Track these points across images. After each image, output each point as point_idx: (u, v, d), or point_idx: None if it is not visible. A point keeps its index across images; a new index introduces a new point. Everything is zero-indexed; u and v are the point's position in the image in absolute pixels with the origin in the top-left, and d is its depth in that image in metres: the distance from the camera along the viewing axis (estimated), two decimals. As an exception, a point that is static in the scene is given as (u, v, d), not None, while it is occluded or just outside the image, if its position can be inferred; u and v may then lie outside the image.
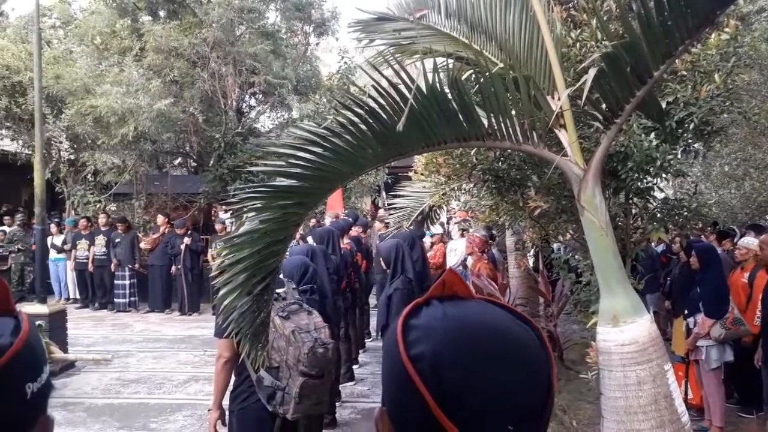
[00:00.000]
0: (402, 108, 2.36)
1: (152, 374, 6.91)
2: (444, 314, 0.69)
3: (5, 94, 10.43)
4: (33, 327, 0.77)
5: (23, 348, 0.73)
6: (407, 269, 5.04)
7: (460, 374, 0.64)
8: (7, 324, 0.75)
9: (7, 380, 0.71)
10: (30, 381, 0.74)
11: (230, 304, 2.22)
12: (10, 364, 0.71)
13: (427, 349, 0.66)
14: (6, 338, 0.73)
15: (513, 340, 0.68)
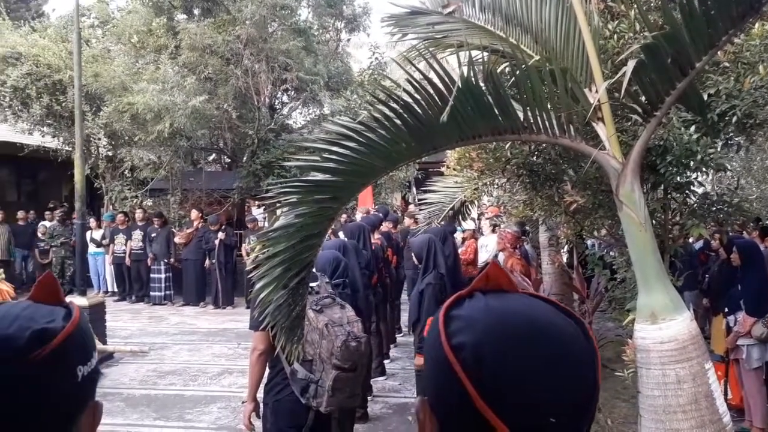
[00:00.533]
0: (436, 102, 2.35)
1: (187, 366, 7.05)
2: (486, 306, 0.69)
3: (46, 92, 10.73)
4: (83, 314, 0.81)
5: (75, 331, 0.77)
6: (439, 264, 5.02)
7: (501, 365, 0.64)
8: (59, 311, 0.79)
9: (60, 361, 0.74)
10: (81, 364, 0.78)
11: (266, 297, 2.25)
12: (63, 346, 0.74)
13: (469, 339, 0.66)
14: (59, 322, 0.76)
15: (556, 334, 0.67)
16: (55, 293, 0.82)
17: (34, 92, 10.58)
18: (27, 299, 0.82)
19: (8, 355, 0.71)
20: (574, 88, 2.79)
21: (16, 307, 0.78)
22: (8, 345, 0.72)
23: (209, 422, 5.29)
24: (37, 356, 0.72)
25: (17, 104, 10.82)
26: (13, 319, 0.75)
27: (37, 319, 0.76)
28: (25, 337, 0.73)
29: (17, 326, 0.74)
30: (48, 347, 0.73)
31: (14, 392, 0.71)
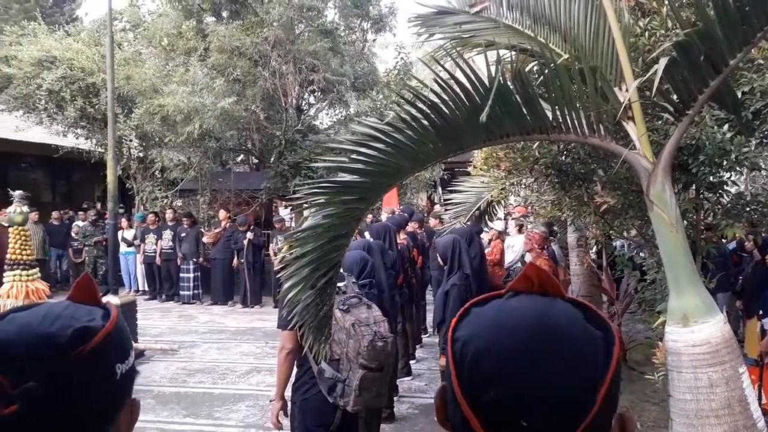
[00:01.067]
0: (464, 102, 2.35)
1: (216, 365, 7.14)
2: (502, 304, 0.70)
3: (80, 95, 10.98)
4: (120, 314, 0.83)
5: (114, 330, 0.79)
6: (464, 265, 5.00)
7: (481, 360, 0.64)
8: (97, 311, 0.82)
9: (99, 359, 0.77)
10: (119, 362, 0.80)
11: (294, 297, 2.27)
12: (103, 344, 0.77)
13: (465, 333, 0.68)
14: (98, 321, 0.79)
15: (558, 339, 0.65)
16: (92, 293, 0.84)
17: (69, 95, 10.84)
18: (66, 299, 0.84)
19: (51, 352, 0.73)
20: (604, 87, 2.76)
21: (57, 307, 0.80)
22: (51, 342, 0.74)
23: (237, 420, 5.36)
24: (78, 354, 0.74)
25: (52, 107, 11.10)
26: (55, 318, 0.77)
27: (78, 318, 0.78)
28: (67, 335, 0.75)
29: (59, 324, 0.76)
30: (89, 345, 0.75)
31: (57, 389, 0.73)
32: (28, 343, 0.74)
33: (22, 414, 0.70)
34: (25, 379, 0.71)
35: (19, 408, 0.69)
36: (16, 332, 0.75)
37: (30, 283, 5.94)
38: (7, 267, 6.00)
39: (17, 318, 0.78)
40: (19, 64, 10.95)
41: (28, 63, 10.90)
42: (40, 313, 0.78)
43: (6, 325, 0.77)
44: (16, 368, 0.72)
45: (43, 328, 0.75)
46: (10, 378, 0.71)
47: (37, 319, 0.77)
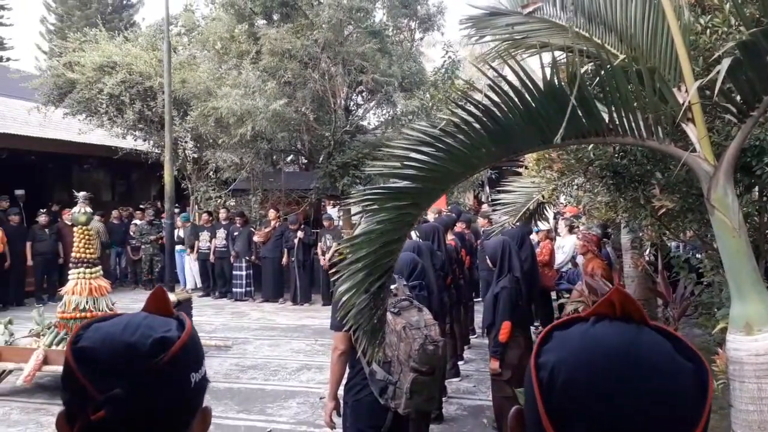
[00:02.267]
0: (517, 105, 2.33)
1: (268, 361, 7.30)
2: (587, 330, 0.68)
3: (138, 98, 11.39)
4: (193, 325, 0.87)
5: (189, 340, 0.83)
6: (514, 268, 4.95)
7: (571, 390, 0.63)
8: (172, 322, 0.85)
9: (176, 368, 0.80)
10: (194, 371, 0.83)
11: (348, 300, 2.31)
12: (179, 354, 0.80)
13: (551, 359, 0.66)
14: (174, 332, 0.82)
15: (648, 371, 0.63)
16: (166, 305, 0.88)
17: (128, 99, 11.27)
18: (142, 310, 0.88)
19: (133, 360, 0.77)
20: (663, 88, 2.68)
21: (137, 317, 0.84)
22: (132, 351, 0.78)
23: (289, 417, 5.46)
24: (157, 362, 0.78)
25: (113, 110, 11.55)
26: (135, 328, 0.81)
27: (156, 328, 0.82)
28: (147, 344, 0.79)
29: (140, 334, 0.80)
30: (168, 354, 0.79)
31: (138, 396, 0.76)
32: (112, 351, 0.78)
33: (108, 420, 0.73)
34: (109, 387, 0.75)
35: (105, 414, 0.73)
36: (100, 341, 0.79)
37: (93, 280, 6.20)
38: (72, 265, 6.29)
39: (101, 328, 0.82)
40: (82, 70, 11.45)
41: (91, 68, 11.38)
42: (122, 324, 0.82)
43: (91, 334, 0.81)
44: (101, 376, 0.76)
45: (124, 338, 0.79)
46: (95, 385, 0.76)
47: (119, 329, 0.81)
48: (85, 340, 0.80)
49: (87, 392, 0.76)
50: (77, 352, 0.79)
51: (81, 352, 0.79)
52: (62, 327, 6.09)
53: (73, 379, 0.78)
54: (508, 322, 4.65)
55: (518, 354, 4.77)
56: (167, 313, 0.87)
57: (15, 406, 5.76)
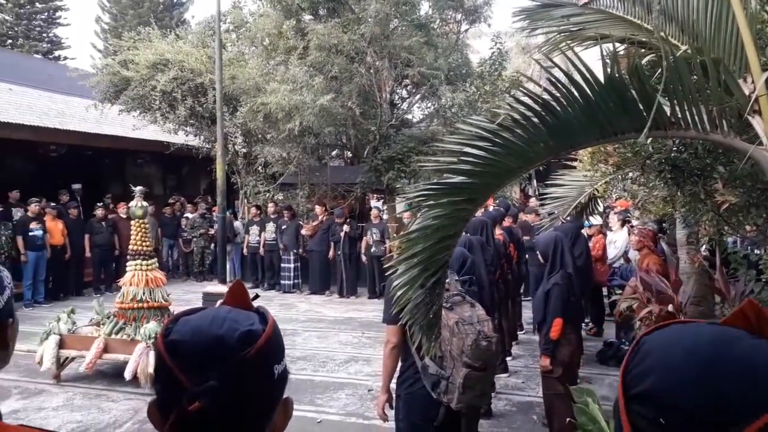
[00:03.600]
0: (576, 98, 2.29)
1: (316, 353, 7.40)
2: (700, 331, 0.68)
3: (190, 95, 11.68)
4: (275, 320, 0.89)
5: (273, 334, 0.85)
6: (566, 264, 4.86)
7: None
8: (254, 315, 0.87)
9: (262, 360, 0.82)
10: (276, 363, 0.86)
11: (403, 295, 2.32)
12: (265, 347, 0.83)
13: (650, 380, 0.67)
14: (257, 325, 0.85)
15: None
16: (245, 299, 0.90)
17: (180, 95, 11.56)
18: (222, 303, 0.91)
19: (222, 353, 0.80)
20: (728, 80, 2.58)
21: (221, 311, 0.86)
22: (222, 344, 0.80)
23: (338, 408, 5.53)
24: (246, 355, 0.80)
25: (165, 106, 11.88)
26: (222, 321, 0.83)
27: (241, 322, 0.84)
28: (235, 337, 0.81)
29: (227, 327, 0.82)
30: (254, 347, 0.81)
31: (229, 388, 0.78)
32: (202, 344, 0.80)
33: (204, 411, 0.75)
34: (202, 378, 0.77)
35: (202, 405, 0.75)
36: (190, 334, 0.82)
37: (149, 272, 6.42)
38: (129, 257, 6.52)
39: (189, 321, 0.85)
40: (136, 68, 11.81)
41: (144, 66, 11.73)
42: (209, 317, 0.84)
43: (180, 327, 0.84)
44: (193, 367, 0.79)
45: (213, 330, 0.81)
46: (188, 376, 0.78)
47: (207, 322, 0.83)
48: (176, 333, 0.83)
49: (180, 383, 0.78)
50: (169, 344, 0.82)
51: (173, 344, 0.82)
52: (120, 316, 6.32)
53: (167, 370, 0.80)
54: (560, 319, 4.58)
55: (569, 351, 4.70)
56: (246, 307, 0.89)
57: (78, 391, 6.02)
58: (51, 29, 31.08)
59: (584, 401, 2.98)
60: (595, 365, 6.76)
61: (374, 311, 9.86)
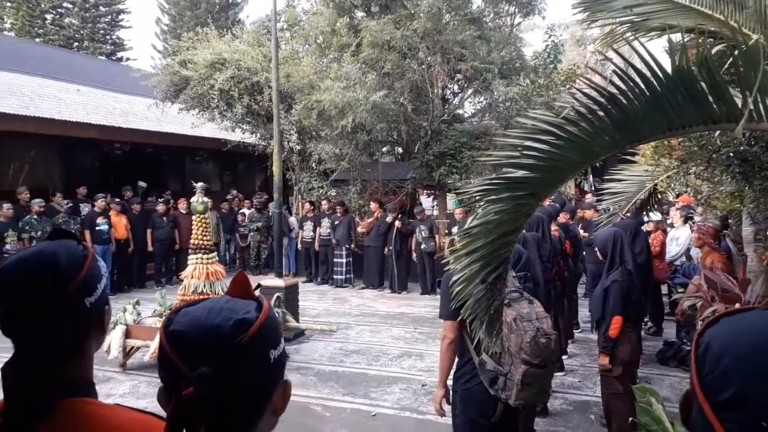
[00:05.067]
0: (643, 91, 2.23)
1: (369, 347, 7.47)
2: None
3: (246, 93, 11.94)
4: (271, 306, 0.94)
5: (266, 320, 0.89)
6: (626, 261, 4.74)
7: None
8: (252, 304, 0.92)
9: (256, 346, 0.87)
10: (272, 348, 0.90)
11: (463, 290, 2.32)
12: (258, 333, 0.87)
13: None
14: (252, 313, 0.89)
15: None
16: (247, 288, 0.95)
17: (237, 94, 11.83)
18: (225, 294, 0.96)
19: (217, 341, 0.85)
20: (805, 68, 2.47)
21: (220, 301, 0.92)
22: (216, 333, 0.85)
23: (392, 402, 5.58)
24: (239, 342, 0.85)
25: (223, 105, 12.19)
26: (218, 312, 0.88)
27: (237, 311, 0.89)
28: (229, 325, 0.86)
29: (222, 317, 0.87)
30: (248, 334, 0.85)
31: (223, 374, 0.83)
32: (199, 334, 0.86)
33: (198, 396, 0.80)
34: (198, 366, 0.83)
35: (195, 390, 0.80)
36: (188, 324, 0.87)
37: (209, 265, 6.63)
38: (191, 251, 6.75)
39: (189, 312, 0.90)
40: (195, 67, 12.15)
41: (203, 65, 12.06)
42: (206, 308, 0.90)
43: (180, 318, 0.89)
44: (190, 356, 0.84)
45: (209, 321, 0.87)
46: (186, 364, 0.84)
47: (204, 313, 0.89)
48: (176, 324, 0.88)
49: (179, 371, 0.83)
50: (169, 335, 0.87)
51: (173, 334, 0.87)
52: (183, 308, 6.55)
53: (168, 359, 0.86)
54: (620, 317, 4.47)
55: (629, 350, 4.59)
56: (248, 296, 0.94)
57: (142, 380, 6.28)
58: (114, 32, 32.39)
59: (647, 401, 2.91)
60: (655, 365, 6.57)
61: (426, 307, 9.87)
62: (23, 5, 28.44)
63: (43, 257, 1.09)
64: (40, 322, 1.05)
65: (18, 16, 28.39)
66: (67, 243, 1.14)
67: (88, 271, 1.11)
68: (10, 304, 1.04)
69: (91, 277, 1.12)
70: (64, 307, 1.06)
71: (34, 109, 11.17)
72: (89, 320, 1.12)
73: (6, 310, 1.04)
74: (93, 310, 1.11)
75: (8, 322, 1.05)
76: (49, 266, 1.07)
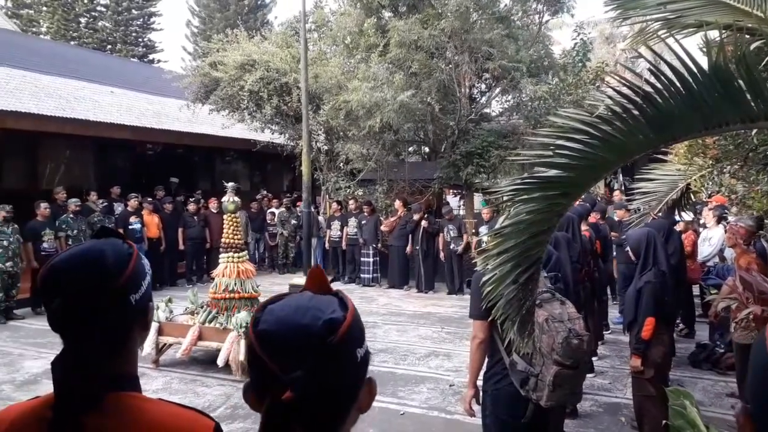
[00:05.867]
0: (678, 89, 2.20)
1: (397, 346, 7.49)
2: None
3: (275, 94, 12.06)
4: (354, 305, 0.93)
5: (353, 320, 0.88)
6: (660, 261, 4.67)
7: None
8: (334, 301, 0.91)
9: (345, 347, 0.86)
10: (358, 347, 0.89)
11: (494, 290, 2.32)
12: (347, 333, 0.86)
13: None
14: (338, 312, 0.88)
15: None
16: (324, 283, 0.94)
17: (266, 95, 11.96)
18: (302, 290, 0.94)
19: (307, 342, 0.83)
20: None
21: (304, 299, 0.90)
22: (307, 333, 0.84)
23: (420, 401, 5.58)
24: (330, 342, 0.84)
25: (252, 106, 12.33)
26: (305, 310, 0.87)
27: (323, 309, 0.87)
28: (319, 325, 0.84)
29: (310, 316, 0.86)
30: (337, 335, 0.84)
31: (315, 375, 0.82)
32: (288, 333, 0.84)
33: (295, 399, 0.79)
34: (291, 367, 0.81)
35: (294, 394, 0.79)
36: (276, 323, 0.86)
37: (240, 264, 6.72)
38: (222, 249, 6.85)
39: (274, 310, 0.89)
40: (225, 69, 12.32)
41: (233, 67, 12.21)
42: (292, 306, 0.88)
43: (267, 317, 0.87)
44: (282, 356, 0.82)
45: (297, 320, 0.85)
46: (278, 365, 0.82)
47: (291, 311, 0.87)
48: (263, 323, 0.87)
49: (272, 372, 0.82)
50: (259, 334, 0.86)
51: (262, 334, 0.85)
52: (213, 306, 6.66)
53: (259, 360, 0.84)
54: (653, 318, 4.41)
55: (662, 352, 4.53)
56: (326, 290, 0.93)
57: (174, 376, 6.40)
58: (146, 34, 33.03)
59: (681, 403, 2.87)
60: (687, 368, 6.46)
61: (453, 307, 9.85)
62: (58, 9, 29.18)
63: (92, 255, 1.12)
64: (88, 319, 1.07)
65: (54, 19, 29.14)
66: (114, 242, 1.17)
67: (133, 269, 1.14)
68: (60, 301, 1.06)
69: (137, 275, 1.15)
70: (110, 304, 1.09)
71: (71, 110, 11.45)
72: (134, 317, 1.15)
73: (56, 306, 1.07)
74: (138, 306, 1.14)
75: (57, 318, 1.08)
76: (97, 264, 1.10)
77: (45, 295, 1.09)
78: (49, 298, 1.08)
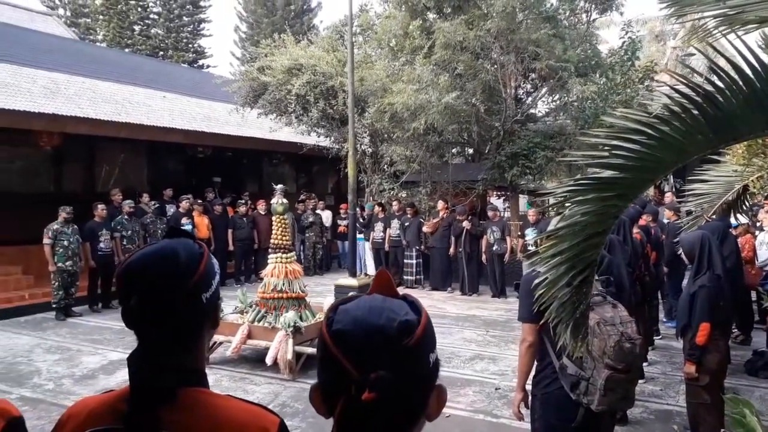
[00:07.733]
0: (741, 88, 2.14)
1: (441, 348, 7.39)
2: None
3: (322, 97, 12.21)
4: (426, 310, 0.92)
5: (427, 323, 0.87)
6: (715, 265, 4.52)
7: None
8: (404, 304, 0.89)
9: (420, 349, 0.84)
10: (431, 351, 0.87)
11: (547, 293, 2.30)
12: (422, 336, 0.84)
13: None
14: (412, 315, 0.86)
15: None
16: (391, 286, 0.93)
17: (312, 98, 12.12)
18: (369, 291, 0.93)
19: (384, 343, 0.82)
20: None
21: (375, 300, 0.88)
22: (383, 334, 0.82)
23: (466, 404, 5.56)
24: (406, 344, 0.82)
25: (299, 109, 12.52)
26: (380, 311, 0.85)
27: (396, 311, 0.85)
28: (394, 327, 0.83)
29: (386, 317, 0.84)
30: (413, 337, 0.83)
31: (394, 377, 0.80)
32: (364, 334, 0.82)
33: (375, 400, 0.78)
34: (369, 368, 0.79)
35: (376, 394, 0.78)
36: (351, 323, 0.84)
37: (288, 264, 6.83)
38: (271, 250, 6.98)
39: (348, 310, 0.87)
40: (272, 73, 12.55)
41: (280, 71, 12.43)
42: (366, 306, 0.87)
43: (341, 317, 0.86)
44: (360, 357, 0.81)
45: (372, 321, 0.84)
46: (356, 366, 0.80)
47: (365, 312, 0.85)
48: (338, 323, 0.85)
49: (348, 372, 0.80)
50: (335, 334, 0.84)
51: (338, 334, 0.84)
52: (262, 306, 6.79)
53: (333, 359, 0.82)
54: (708, 324, 4.28)
55: (717, 359, 4.39)
56: (393, 294, 0.92)
57: (224, 374, 6.55)
58: (196, 40, 33.93)
59: (740, 412, 2.78)
60: (743, 376, 6.24)
61: (497, 310, 9.76)
62: (114, 18, 30.29)
63: (166, 255, 1.15)
64: (162, 316, 1.11)
65: (110, 27, 30.27)
66: (185, 241, 1.21)
67: (205, 268, 1.17)
68: (137, 299, 1.10)
69: (208, 274, 1.18)
70: (184, 302, 1.12)
71: (126, 115, 11.87)
72: (205, 314, 1.19)
73: (132, 304, 1.10)
74: (208, 304, 1.18)
75: (133, 315, 1.11)
76: (171, 263, 1.14)
77: (122, 294, 1.12)
78: (126, 297, 1.11)
